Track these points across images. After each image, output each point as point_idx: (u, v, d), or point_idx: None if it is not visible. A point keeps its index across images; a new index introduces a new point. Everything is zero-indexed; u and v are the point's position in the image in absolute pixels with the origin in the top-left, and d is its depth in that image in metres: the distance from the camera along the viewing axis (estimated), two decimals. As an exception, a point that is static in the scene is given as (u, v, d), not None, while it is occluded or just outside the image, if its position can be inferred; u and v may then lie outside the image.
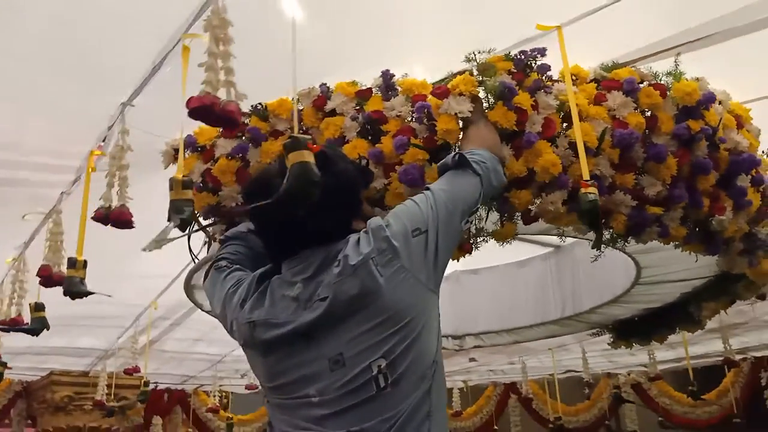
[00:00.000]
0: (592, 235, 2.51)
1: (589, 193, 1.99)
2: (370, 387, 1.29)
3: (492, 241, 4.19)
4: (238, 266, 1.66)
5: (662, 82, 2.47)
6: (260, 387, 1.53)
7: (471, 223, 2.18)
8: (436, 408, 1.36)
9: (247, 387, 8.11)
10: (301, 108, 2.31)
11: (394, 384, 1.29)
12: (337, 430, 1.27)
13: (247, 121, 2.33)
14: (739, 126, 2.67)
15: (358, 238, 1.41)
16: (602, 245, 2.40)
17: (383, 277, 1.34)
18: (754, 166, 2.57)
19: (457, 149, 1.98)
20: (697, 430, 8.75)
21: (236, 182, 2.26)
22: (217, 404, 9.02)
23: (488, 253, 4.67)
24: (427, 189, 1.57)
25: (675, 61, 2.49)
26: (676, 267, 3.58)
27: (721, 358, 6.74)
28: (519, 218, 2.25)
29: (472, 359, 7.28)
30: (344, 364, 1.30)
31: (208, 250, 2.44)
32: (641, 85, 2.41)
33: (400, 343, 1.32)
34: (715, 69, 2.55)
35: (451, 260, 1.60)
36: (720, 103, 2.61)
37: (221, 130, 2.33)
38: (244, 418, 9.87)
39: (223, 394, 9.55)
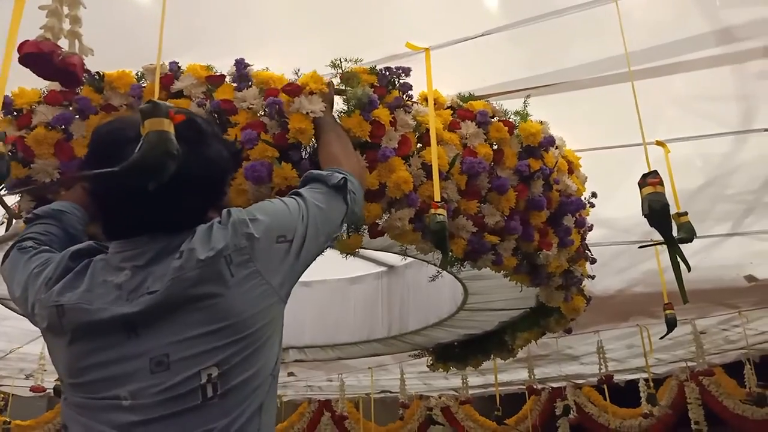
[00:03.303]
0: (432, 256, 2.58)
1: (439, 214, 2.03)
2: (195, 396, 1.13)
3: (326, 254, 4.21)
4: (47, 247, 1.43)
5: (511, 119, 2.60)
6: (56, 385, 1.31)
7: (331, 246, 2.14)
8: (266, 426, 1.25)
9: (33, 389, 7.02)
10: (143, 84, 2.14)
11: (224, 396, 1.15)
12: None
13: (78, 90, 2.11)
14: (570, 171, 2.89)
15: (210, 229, 1.25)
16: (441, 267, 2.47)
17: (234, 279, 1.20)
18: (579, 209, 2.78)
19: (309, 150, 1.93)
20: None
21: (54, 156, 2.02)
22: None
23: (319, 266, 4.72)
24: (299, 195, 1.43)
25: (524, 102, 2.63)
26: (499, 296, 3.79)
27: (524, 387, 7.22)
28: (366, 231, 2.25)
29: (290, 374, 7.18)
30: (168, 368, 1.14)
31: (7, 228, 2.12)
32: (493, 119, 2.52)
33: (239, 353, 1.18)
34: (555, 116, 2.74)
35: None
36: (557, 147, 2.80)
37: (44, 96, 2.10)
38: (24, 424, 8.88)
39: (2, 395, 8.47)
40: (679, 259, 2.06)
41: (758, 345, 6.70)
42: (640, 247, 2.57)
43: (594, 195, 3.13)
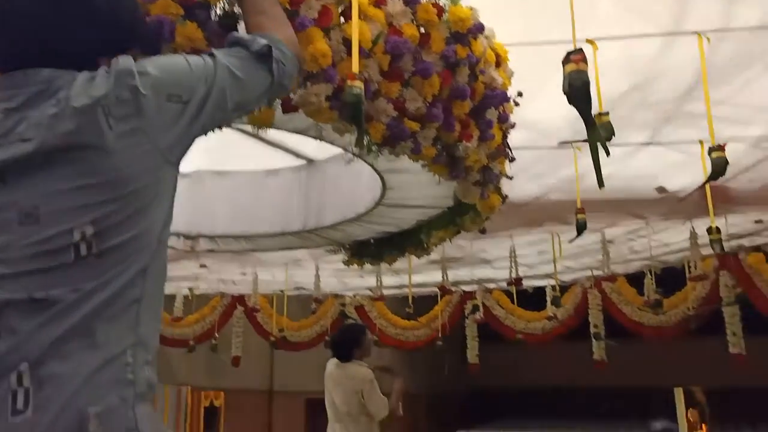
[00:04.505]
0: (348, 140, 2.47)
1: (355, 86, 1.90)
2: (67, 253, 1.06)
3: (243, 144, 4.03)
4: None
5: (441, 3, 2.46)
6: None
7: (240, 118, 1.98)
8: (150, 293, 1.15)
9: None
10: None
11: (100, 255, 1.08)
12: (16, 293, 1.03)
13: None
14: (497, 64, 2.80)
15: (93, 77, 1.12)
16: (356, 152, 2.36)
17: (113, 132, 1.09)
18: (503, 102, 2.72)
19: (224, 7, 1.74)
20: (406, 350, 9.66)
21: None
22: None
23: (235, 156, 4.53)
24: (211, 56, 1.28)
25: (455, -14, 2.48)
26: (417, 193, 3.76)
27: (437, 288, 7.40)
28: (278, 106, 2.10)
29: (202, 266, 7.07)
30: (38, 221, 1.06)
31: None
32: (422, 0, 2.37)
33: (119, 212, 1.10)
34: (486, 5, 2.61)
35: (196, 159, 1.36)
36: (486, 38, 2.69)
37: None
38: None
39: None
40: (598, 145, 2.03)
41: (661, 256, 7.06)
42: (560, 143, 2.56)
43: (519, 94, 3.07)
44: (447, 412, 17.78)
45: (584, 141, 2.30)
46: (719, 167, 2.72)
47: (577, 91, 1.76)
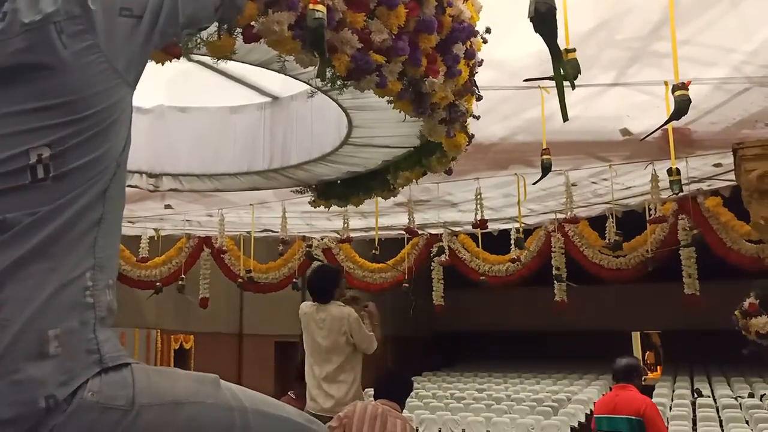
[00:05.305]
0: (312, 75, 2.43)
1: (317, 9, 1.85)
2: (23, 176, 1.03)
3: (206, 79, 3.92)
4: None
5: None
6: None
7: (191, 36, 1.92)
8: (109, 216, 1.13)
9: None
10: None
11: (58, 179, 1.05)
12: None
13: None
14: (466, -3, 2.75)
15: None
16: (321, 87, 2.32)
17: (67, 51, 1.04)
18: (470, 36, 2.68)
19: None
20: (372, 293, 9.76)
21: None
22: None
23: (198, 93, 4.41)
24: None
25: None
26: (383, 132, 3.73)
27: (403, 231, 7.44)
28: (239, 35, 2.04)
29: (167, 206, 6.98)
30: None
31: None
32: (386, -75, 2.30)
33: (76, 135, 1.06)
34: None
35: (157, 93, 1.30)
36: (454, -31, 2.64)
37: None
38: None
39: None
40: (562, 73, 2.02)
41: (623, 200, 7.18)
42: (526, 80, 2.54)
43: (488, 30, 3.03)
44: (412, 354, 18.18)
45: (550, 78, 2.30)
46: (682, 105, 2.73)
47: (543, 16, 1.73)
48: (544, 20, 1.75)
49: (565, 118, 2.06)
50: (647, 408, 3.98)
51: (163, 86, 3.96)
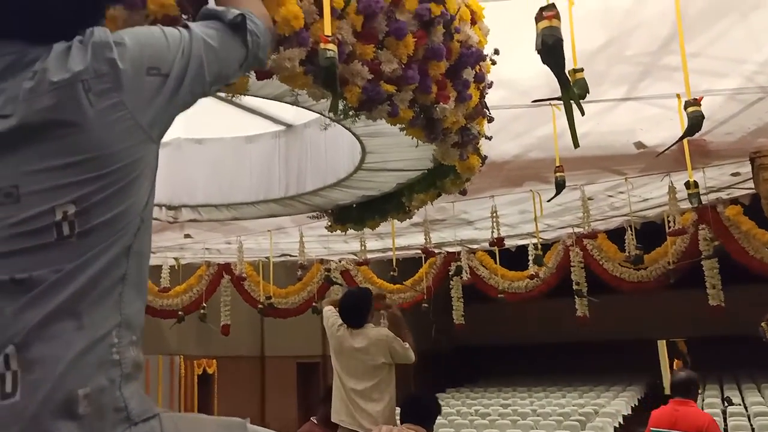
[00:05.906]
0: (324, 105, 2.45)
1: (328, 49, 1.88)
2: (49, 233, 1.03)
3: (221, 110, 3.98)
4: None
5: (412, -40, 2.42)
6: None
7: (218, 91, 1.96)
8: (133, 273, 1.13)
9: None
10: None
11: (83, 235, 1.06)
12: None
13: None
14: (473, 22, 2.77)
15: (69, 48, 1.08)
16: (333, 118, 2.35)
17: (93, 109, 1.06)
18: (479, 60, 2.70)
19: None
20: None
21: None
22: None
23: (213, 123, 4.48)
24: (186, 28, 1.25)
25: (428, -59, 2.44)
26: (396, 156, 3.76)
27: (420, 251, 7.44)
28: (252, 72, 2.07)
29: (187, 235, 7.05)
30: (18, 200, 1.03)
31: None
32: (393, -42, 2.33)
33: (101, 191, 1.07)
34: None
35: (173, 126, 1.33)
36: (460, -6, 2.66)
37: None
38: None
39: None
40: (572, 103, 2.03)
41: (640, 212, 7.13)
42: (534, 102, 2.54)
43: (496, 52, 3.05)
44: (435, 371, 18.07)
45: (558, 99, 2.31)
46: (695, 122, 2.73)
47: (550, 48, 1.75)
48: (551, 52, 1.76)
49: (576, 145, 2.07)
50: (709, 425, 3.88)
51: (179, 119, 4.02)
